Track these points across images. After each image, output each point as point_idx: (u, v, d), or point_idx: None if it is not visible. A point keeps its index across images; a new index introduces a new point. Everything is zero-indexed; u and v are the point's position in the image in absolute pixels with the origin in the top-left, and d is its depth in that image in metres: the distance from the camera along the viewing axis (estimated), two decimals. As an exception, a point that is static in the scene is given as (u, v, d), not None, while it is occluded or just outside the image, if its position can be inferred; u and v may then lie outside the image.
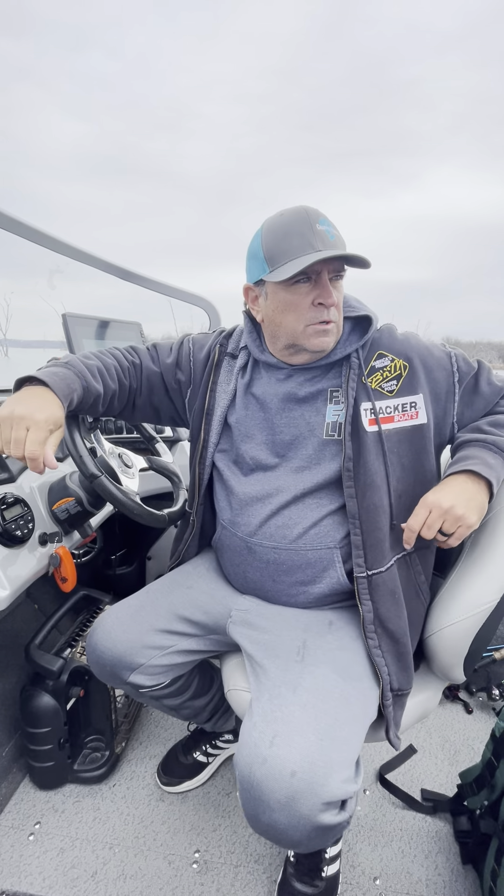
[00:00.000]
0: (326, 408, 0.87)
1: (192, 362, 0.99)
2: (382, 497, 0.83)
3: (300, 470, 0.88)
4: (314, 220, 0.78)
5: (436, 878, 1.02)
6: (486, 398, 0.88)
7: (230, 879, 1.01)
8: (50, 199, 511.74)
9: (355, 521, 0.83)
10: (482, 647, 0.87)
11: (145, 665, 0.92)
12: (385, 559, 0.84)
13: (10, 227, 1.21)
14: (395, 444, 0.84)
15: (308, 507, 0.87)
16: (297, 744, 0.67)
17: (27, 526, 0.95)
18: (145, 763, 1.27)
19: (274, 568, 0.89)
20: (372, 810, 1.16)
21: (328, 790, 0.66)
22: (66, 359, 0.90)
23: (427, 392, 0.86)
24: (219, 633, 0.95)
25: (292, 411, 0.88)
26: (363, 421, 0.83)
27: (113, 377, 0.95)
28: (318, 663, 0.79)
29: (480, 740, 1.36)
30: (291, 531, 0.87)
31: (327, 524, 0.87)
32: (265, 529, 0.89)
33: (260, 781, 0.66)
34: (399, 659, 0.84)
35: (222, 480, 0.96)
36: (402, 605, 0.85)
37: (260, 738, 0.69)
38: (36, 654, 1.13)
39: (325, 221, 0.79)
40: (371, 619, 0.84)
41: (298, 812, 0.65)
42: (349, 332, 0.87)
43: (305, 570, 0.88)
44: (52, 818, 1.12)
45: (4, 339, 18.70)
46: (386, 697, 0.82)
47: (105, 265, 1.55)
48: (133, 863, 1.04)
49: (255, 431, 0.91)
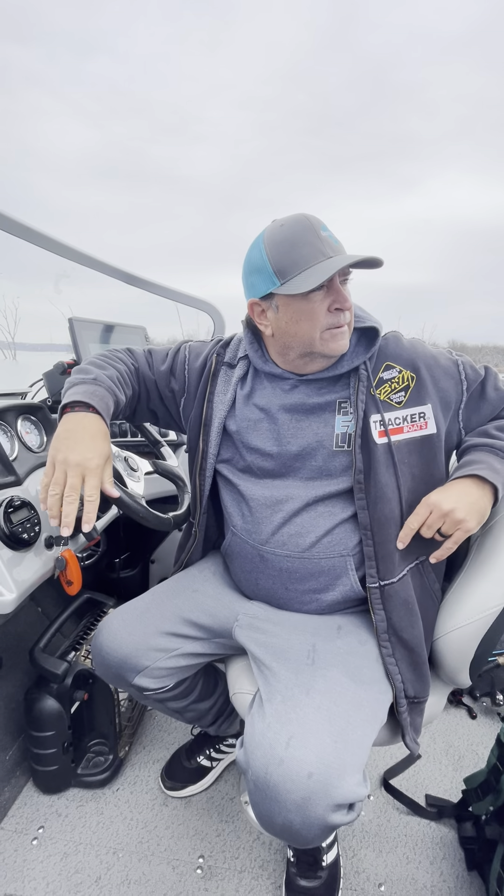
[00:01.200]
0: (335, 419, 0.87)
1: (187, 371, 0.99)
2: (394, 508, 0.83)
3: (310, 480, 0.88)
4: (318, 228, 0.78)
5: (441, 884, 1.02)
6: (492, 404, 0.89)
7: (234, 885, 1.01)
8: (58, 204, 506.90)
9: (367, 532, 0.84)
10: (488, 652, 0.87)
11: (150, 667, 0.92)
12: (397, 569, 0.84)
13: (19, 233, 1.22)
14: (405, 455, 0.84)
15: (320, 515, 0.87)
16: (313, 745, 0.68)
17: (34, 529, 0.95)
18: (149, 767, 1.27)
19: (287, 576, 0.89)
20: (376, 816, 1.16)
21: (341, 792, 0.66)
22: (91, 373, 0.90)
23: (436, 401, 0.86)
24: (224, 637, 0.95)
25: (300, 422, 0.88)
26: (373, 433, 0.83)
27: (127, 384, 0.96)
28: (329, 666, 0.79)
29: (485, 745, 1.35)
30: (304, 539, 0.87)
31: (340, 532, 0.87)
32: (278, 537, 0.89)
33: (277, 783, 0.66)
34: (414, 668, 0.85)
35: (231, 487, 0.96)
36: (416, 614, 0.85)
37: (275, 739, 0.69)
38: (40, 657, 1.13)
39: (326, 227, 0.79)
40: (384, 628, 0.84)
41: (313, 813, 0.66)
42: (356, 344, 0.87)
43: (319, 578, 0.88)
44: (55, 822, 1.12)
45: (13, 343, 18.99)
46: (400, 704, 0.83)
47: (110, 269, 1.56)
48: (137, 868, 1.03)
49: (260, 442, 0.91)
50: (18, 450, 1.08)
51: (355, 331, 0.87)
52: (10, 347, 17.43)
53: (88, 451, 0.80)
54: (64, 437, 0.81)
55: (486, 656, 0.87)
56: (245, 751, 0.72)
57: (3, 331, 20.54)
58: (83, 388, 0.86)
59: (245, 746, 0.72)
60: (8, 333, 20.38)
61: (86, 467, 0.79)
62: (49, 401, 1.34)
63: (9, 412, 1.12)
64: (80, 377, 0.89)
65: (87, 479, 0.79)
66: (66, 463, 0.78)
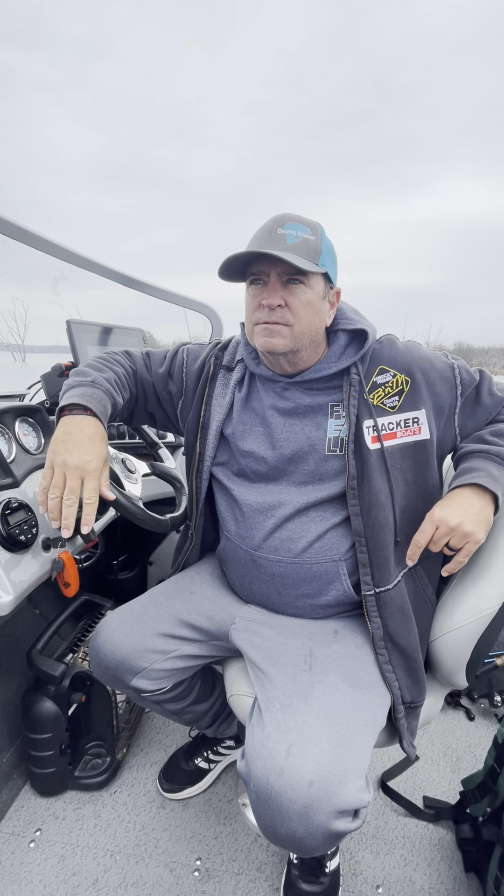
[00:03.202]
0: (327, 423, 0.87)
1: (185, 374, 0.99)
2: (387, 515, 0.83)
3: (303, 484, 0.88)
4: (278, 226, 0.79)
5: (438, 886, 1.02)
6: (487, 409, 0.89)
7: (232, 887, 1.01)
8: (61, 208, 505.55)
9: (361, 539, 0.84)
10: (484, 653, 0.87)
11: (148, 669, 0.92)
12: (392, 576, 0.85)
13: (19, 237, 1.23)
14: (398, 460, 0.84)
15: (312, 520, 0.87)
16: (313, 753, 0.67)
17: (31, 531, 0.95)
18: (146, 769, 1.26)
19: (280, 581, 0.89)
20: (374, 818, 1.16)
21: (343, 798, 0.66)
22: (89, 375, 0.90)
23: (430, 406, 0.85)
24: (221, 639, 0.95)
25: (293, 426, 0.88)
26: (366, 439, 0.83)
27: (125, 386, 0.96)
28: (326, 672, 0.79)
29: (483, 747, 1.35)
30: (296, 545, 0.87)
31: (331, 537, 0.87)
32: (270, 543, 0.89)
33: (278, 793, 0.66)
34: (411, 673, 0.85)
35: (225, 491, 0.96)
36: (411, 620, 0.85)
37: (275, 749, 0.68)
38: (38, 659, 1.13)
39: (293, 225, 0.79)
40: (381, 635, 0.84)
41: (316, 821, 0.65)
42: (346, 346, 0.87)
43: (311, 584, 0.88)
44: (52, 825, 1.12)
45: (22, 346, 19.41)
46: (398, 710, 0.83)
47: (108, 272, 1.56)
48: (134, 870, 1.03)
49: (255, 446, 0.91)
50: (16, 452, 1.08)
51: (345, 333, 0.87)
52: (20, 350, 17.77)
53: (87, 453, 0.80)
54: (62, 439, 0.81)
55: (482, 658, 0.88)
56: (246, 762, 0.71)
57: (14, 334, 21.01)
58: (81, 390, 0.86)
59: (246, 757, 0.72)
60: (18, 337, 20.78)
61: (84, 470, 0.79)
62: (47, 403, 1.34)
63: (6, 414, 1.12)
64: (77, 380, 0.89)
65: (85, 482, 0.79)
66: (64, 465, 0.79)
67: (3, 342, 14.11)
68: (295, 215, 0.81)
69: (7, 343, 16.86)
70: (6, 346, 15.09)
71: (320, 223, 0.83)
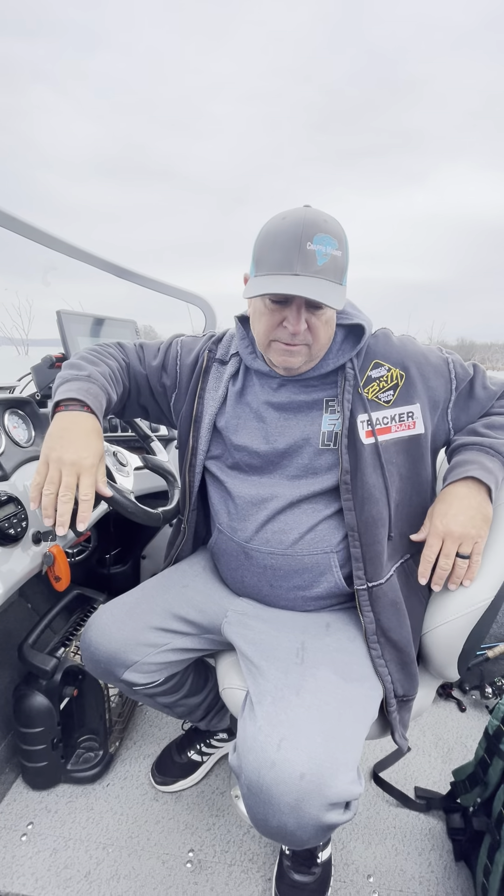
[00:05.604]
0: (322, 417, 0.86)
1: (179, 366, 0.98)
2: (382, 509, 0.83)
3: (296, 478, 0.88)
4: (307, 238, 0.73)
5: (429, 875, 1.03)
6: (481, 402, 0.88)
7: (224, 878, 1.01)
8: (62, 199, 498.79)
9: (354, 534, 0.83)
10: (476, 646, 0.87)
11: (140, 662, 0.91)
12: (384, 570, 0.84)
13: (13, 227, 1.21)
14: (393, 454, 0.84)
15: (304, 512, 0.87)
16: (304, 746, 0.67)
17: (20, 524, 0.94)
18: (139, 762, 1.26)
19: (271, 573, 0.89)
20: (366, 808, 1.16)
21: (335, 791, 0.66)
22: (84, 369, 0.89)
23: (425, 400, 0.85)
24: (213, 633, 0.95)
25: (287, 420, 0.88)
26: (360, 433, 0.82)
27: (118, 380, 0.95)
28: (318, 665, 0.78)
29: (474, 738, 1.37)
30: (287, 536, 0.87)
31: (323, 529, 0.86)
32: (262, 535, 0.88)
33: (269, 786, 0.66)
34: (403, 667, 0.85)
35: (219, 484, 0.95)
36: (404, 614, 0.85)
37: (266, 742, 0.68)
38: (29, 653, 1.13)
39: (323, 239, 0.73)
40: (373, 630, 0.84)
41: (307, 813, 0.65)
42: (342, 341, 0.86)
43: (302, 575, 0.88)
44: (45, 818, 1.11)
45: (26, 339, 19.65)
46: (390, 704, 0.83)
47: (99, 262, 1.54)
48: (127, 863, 1.03)
49: (248, 440, 0.90)
50: (5, 444, 1.07)
51: (341, 328, 0.86)
52: (23, 344, 18.05)
53: (83, 449, 0.79)
54: (58, 435, 0.80)
55: (474, 650, 0.88)
56: (238, 755, 0.71)
57: (18, 328, 21.25)
58: (77, 384, 0.85)
59: (238, 750, 0.72)
60: (22, 331, 20.98)
61: (81, 466, 0.78)
62: (38, 395, 1.32)
63: (-4, 406, 1.11)
64: (73, 373, 0.88)
65: (81, 479, 0.78)
66: (60, 461, 0.77)
67: (8, 336, 14.24)
68: (321, 220, 0.74)
69: (11, 337, 17.02)
70: (10, 339, 15.23)
71: (340, 225, 0.78)
